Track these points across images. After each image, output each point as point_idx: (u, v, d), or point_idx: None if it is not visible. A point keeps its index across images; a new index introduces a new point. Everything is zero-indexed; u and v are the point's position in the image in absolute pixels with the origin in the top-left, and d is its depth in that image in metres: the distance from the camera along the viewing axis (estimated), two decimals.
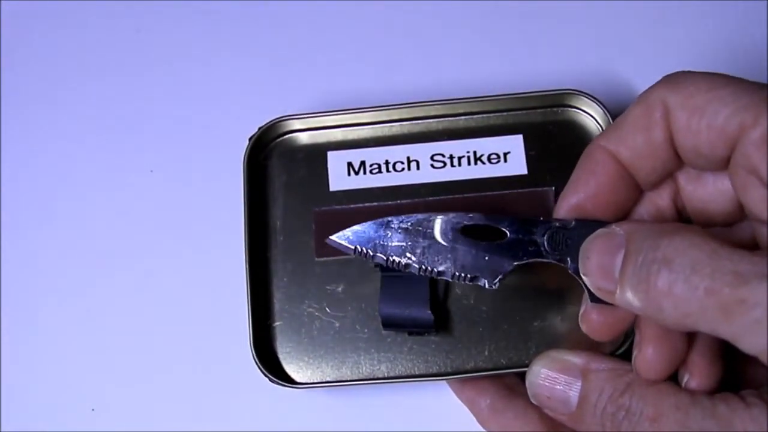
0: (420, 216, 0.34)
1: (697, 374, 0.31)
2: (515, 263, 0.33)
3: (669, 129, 0.31)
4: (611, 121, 0.40)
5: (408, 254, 0.34)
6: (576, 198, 0.33)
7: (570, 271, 0.32)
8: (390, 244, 0.34)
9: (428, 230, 0.34)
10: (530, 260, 0.33)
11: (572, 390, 0.33)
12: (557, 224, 0.33)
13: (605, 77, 0.46)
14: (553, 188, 0.41)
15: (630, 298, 0.29)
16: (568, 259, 0.32)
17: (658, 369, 0.30)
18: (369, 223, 0.35)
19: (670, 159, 0.32)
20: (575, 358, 0.33)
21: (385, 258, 0.34)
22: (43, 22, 0.49)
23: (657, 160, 0.32)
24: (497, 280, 0.34)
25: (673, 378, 0.31)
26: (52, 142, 0.47)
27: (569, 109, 0.42)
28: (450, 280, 0.34)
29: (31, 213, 0.46)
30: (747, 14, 0.46)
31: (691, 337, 0.31)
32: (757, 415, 0.28)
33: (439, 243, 0.34)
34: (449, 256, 0.34)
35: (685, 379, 0.31)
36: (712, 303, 0.26)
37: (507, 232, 0.34)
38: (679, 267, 0.27)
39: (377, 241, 0.34)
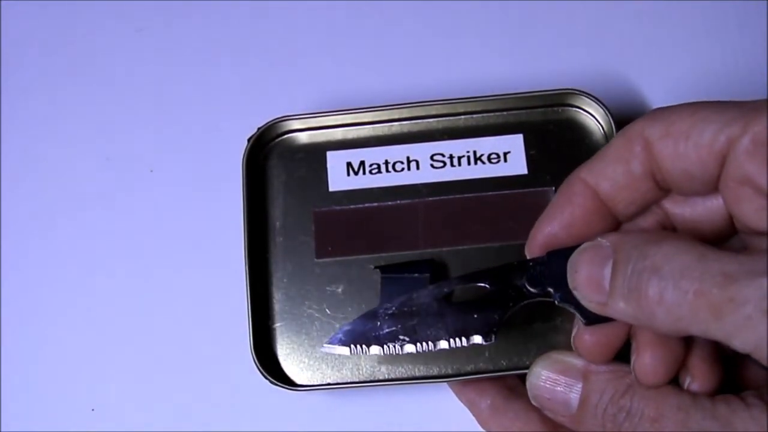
0: (401, 299, 0.35)
1: (699, 377, 0.31)
2: (504, 314, 0.33)
3: (649, 162, 0.31)
4: (612, 120, 0.40)
5: (401, 337, 0.34)
6: (550, 227, 0.33)
7: (557, 303, 0.32)
8: (381, 332, 0.34)
9: (413, 308, 0.34)
10: (517, 306, 0.33)
11: (573, 392, 0.33)
12: (531, 263, 0.33)
13: (606, 76, 0.45)
14: (553, 188, 0.41)
15: (622, 307, 0.29)
16: (551, 290, 0.32)
17: (657, 374, 0.30)
18: (355, 319, 0.35)
19: (649, 191, 0.32)
20: (576, 360, 0.33)
21: (380, 347, 0.35)
22: (43, 21, 0.49)
23: (636, 192, 0.32)
24: (492, 333, 0.34)
25: (673, 379, 0.31)
26: (51, 141, 0.47)
27: (570, 108, 0.42)
28: (449, 347, 0.34)
29: (31, 213, 0.46)
30: (747, 14, 0.46)
31: (688, 341, 0.31)
32: (757, 416, 0.28)
33: (427, 317, 0.34)
34: (440, 325, 0.34)
35: (687, 382, 0.31)
36: (703, 304, 0.26)
37: (486, 285, 0.34)
38: (669, 273, 0.27)
39: (369, 334, 0.35)
